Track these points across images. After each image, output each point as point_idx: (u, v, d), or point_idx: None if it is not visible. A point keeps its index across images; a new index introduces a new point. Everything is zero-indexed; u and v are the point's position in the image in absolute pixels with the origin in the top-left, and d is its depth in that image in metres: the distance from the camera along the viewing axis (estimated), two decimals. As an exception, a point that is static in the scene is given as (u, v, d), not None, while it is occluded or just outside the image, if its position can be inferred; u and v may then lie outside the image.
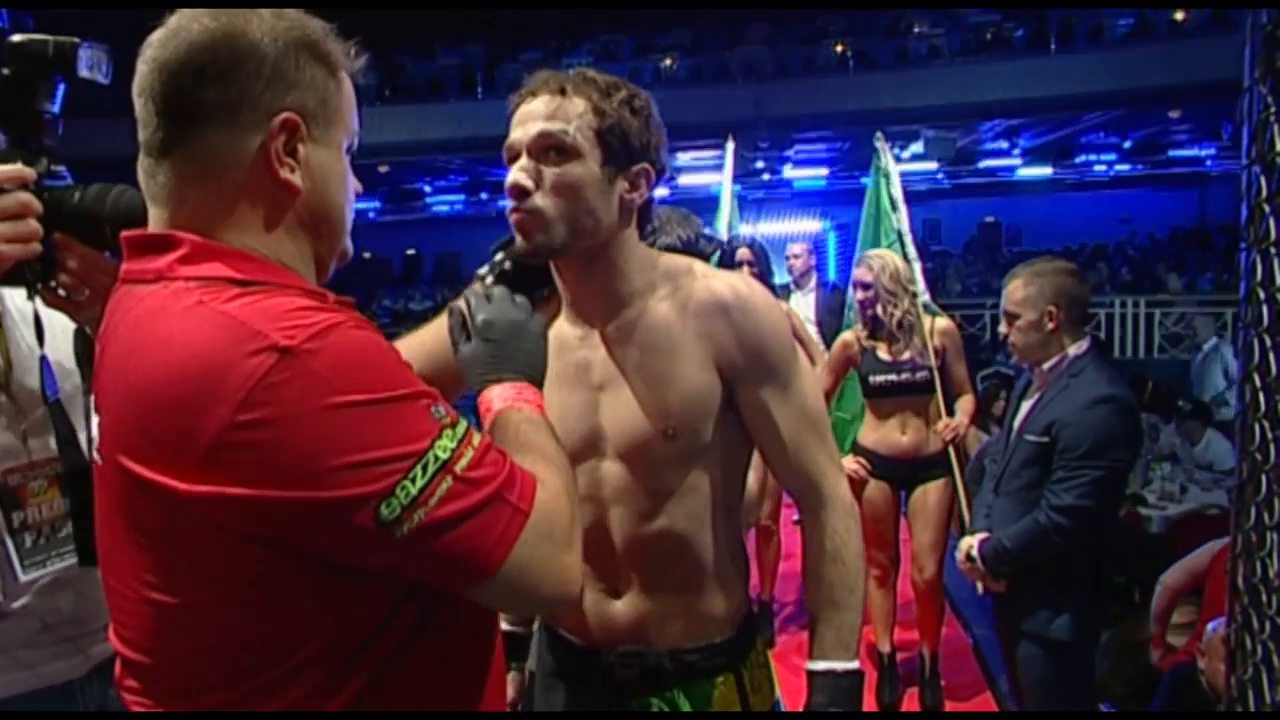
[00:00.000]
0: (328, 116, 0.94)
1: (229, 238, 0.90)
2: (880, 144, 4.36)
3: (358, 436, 0.80)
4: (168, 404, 0.81)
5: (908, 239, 4.06)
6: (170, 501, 0.81)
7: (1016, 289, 2.45)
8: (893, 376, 3.42)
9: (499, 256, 1.32)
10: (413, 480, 0.81)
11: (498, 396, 1.05)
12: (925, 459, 3.43)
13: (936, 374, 3.40)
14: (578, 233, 1.26)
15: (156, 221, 0.93)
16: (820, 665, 1.34)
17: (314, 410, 0.79)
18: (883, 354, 3.45)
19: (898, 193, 4.19)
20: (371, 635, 0.89)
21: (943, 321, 3.54)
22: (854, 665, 1.34)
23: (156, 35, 0.90)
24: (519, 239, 1.27)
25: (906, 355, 3.41)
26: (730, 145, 5.92)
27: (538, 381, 1.09)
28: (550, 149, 1.24)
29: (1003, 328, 2.49)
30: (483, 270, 1.32)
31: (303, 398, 0.79)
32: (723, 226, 5.22)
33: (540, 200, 1.23)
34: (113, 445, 0.87)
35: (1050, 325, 2.41)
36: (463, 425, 0.88)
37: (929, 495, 3.43)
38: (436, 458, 0.83)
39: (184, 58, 0.88)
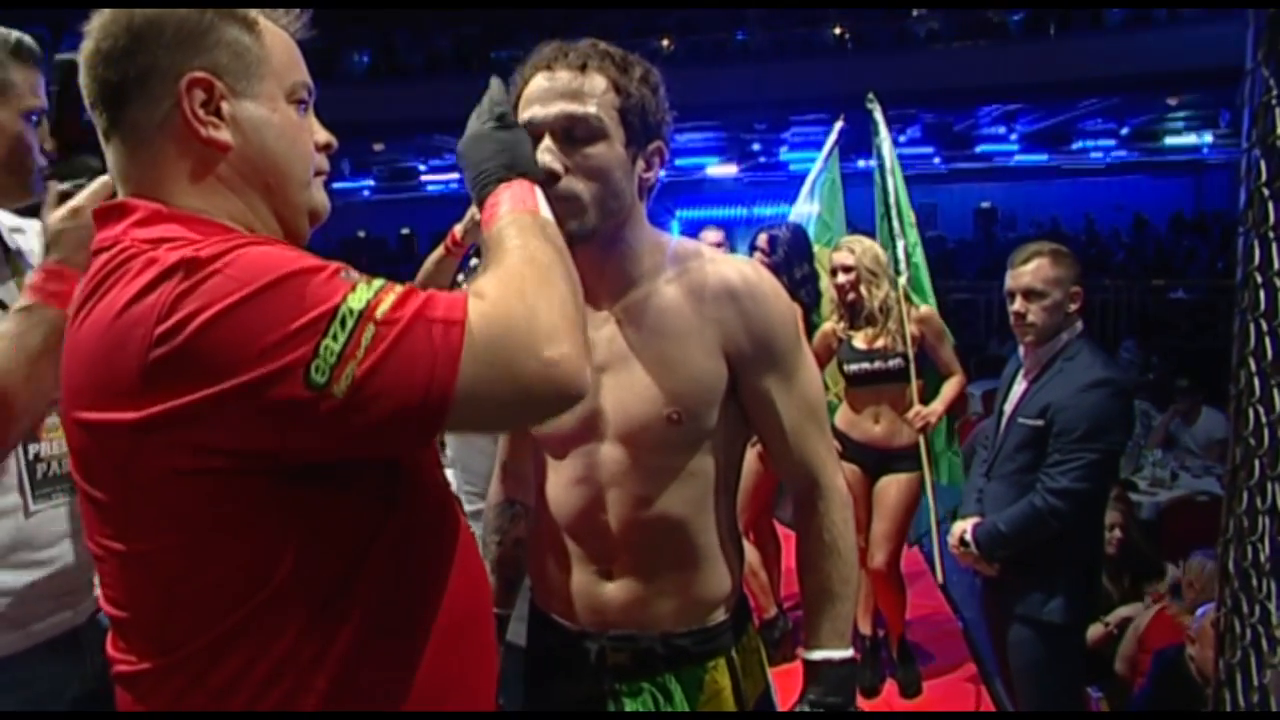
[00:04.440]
0: (247, 70, 0.95)
1: (176, 202, 0.93)
2: (873, 105, 4.11)
3: (269, 317, 0.81)
4: (104, 346, 0.84)
5: (893, 213, 3.89)
6: (123, 439, 0.84)
7: (1044, 267, 2.40)
8: (866, 365, 3.42)
9: (474, 263, 1.30)
10: (333, 337, 0.81)
11: (483, 214, 1.06)
12: (895, 450, 3.44)
13: (913, 362, 3.38)
14: (606, 216, 1.25)
15: (120, 197, 0.96)
16: (817, 655, 1.34)
17: (224, 307, 0.80)
18: (859, 342, 3.45)
19: (889, 160, 3.99)
20: (347, 569, 0.91)
21: (921, 309, 3.52)
22: (849, 654, 1.34)
23: None
24: None
25: (881, 343, 3.41)
26: (838, 124, 5.06)
27: (509, 175, 1.07)
28: (576, 129, 1.21)
29: (1017, 306, 2.43)
30: (460, 277, 1.31)
31: (212, 297, 0.81)
32: (797, 206, 5.00)
33: (573, 184, 1.21)
34: (70, 405, 0.90)
35: (1074, 306, 2.41)
36: (381, 280, 0.88)
37: (892, 487, 3.44)
38: (352, 310, 0.83)
39: (93, 48, 0.93)
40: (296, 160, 0.99)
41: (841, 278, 3.44)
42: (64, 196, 1.29)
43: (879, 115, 4.11)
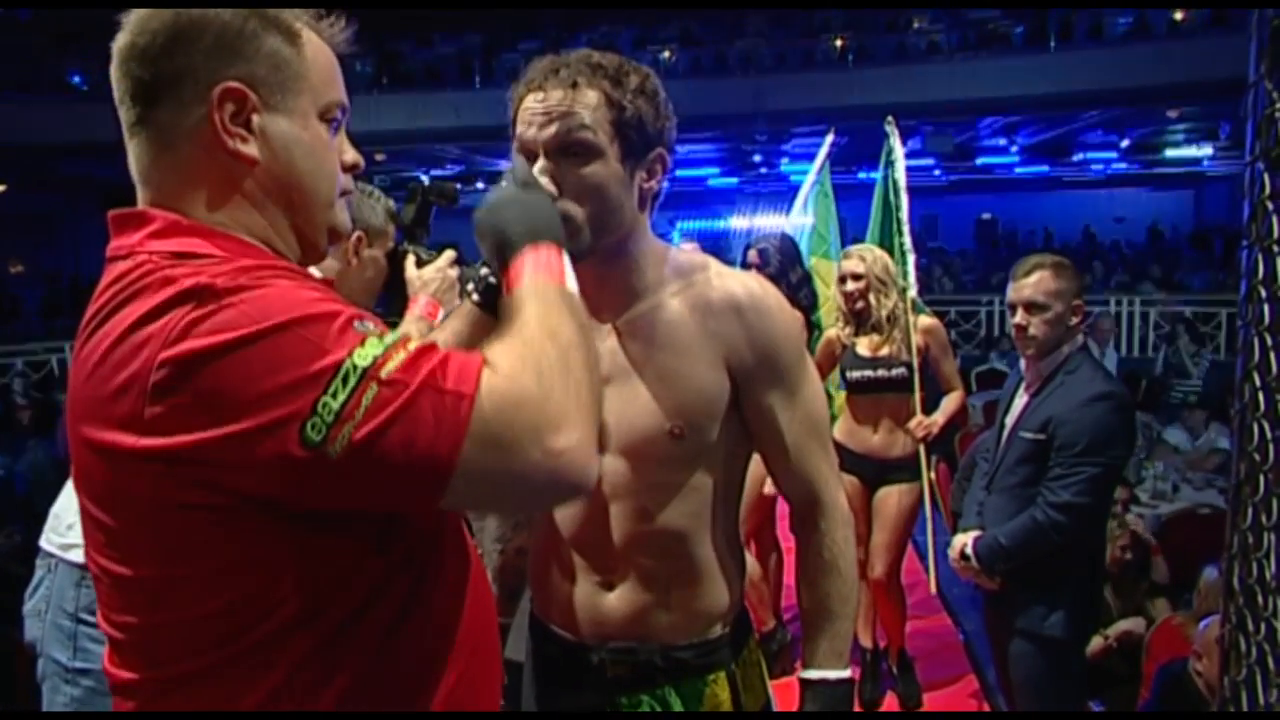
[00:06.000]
0: (284, 84, 0.93)
1: (196, 213, 0.91)
2: (890, 128, 4.23)
3: (273, 360, 0.78)
4: (111, 362, 0.82)
5: (905, 229, 4.02)
6: (124, 464, 0.82)
7: (1046, 279, 2.38)
8: (869, 372, 3.41)
9: (484, 271, 1.30)
10: (333, 395, 0.78)
11: (507, 277, 1.02)
12: (892, 460, 3.43)
13: (916, 372, 3.38)
14: (604, 233, 1.24)
15: (140, 202, 0.95)
16: (814, 674, 1.34)
17: (231, 340, 0.78)
18: (862, 350, 3.45)
19: (902, 181, 4.12)
20: (359, 608, 0.88)
21: (926, 320, 3.52)
22: (846, 674, 1.34)
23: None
24: None
25: (885, 351, 3.40)
26: (829, 138, 5.28)
27: (535, 240, 1.03)
28: (569, 148, 1.20)
29: (1019, 319, 2.41)
30: (469, 287, 1.30)
31: (221, 330, 0.78)
32: (791, 218, 5.08)
33: (567, 205, 1.20)
34: (75, 418, 0.88)
35: (1075, 319, 2.40)
36: (395, 334, 0.84)
37: (891, 498, 3.43)
38: (356, 366, 0.79)
39: (129, 42, 0.91)
40: (322, 180, 0.97)
41: (851, 285, 3.44)
42: (418, 259, 1.84)
43: (895, 139, 4.16)
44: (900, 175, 4.11)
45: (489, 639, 1.07)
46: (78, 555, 1.82)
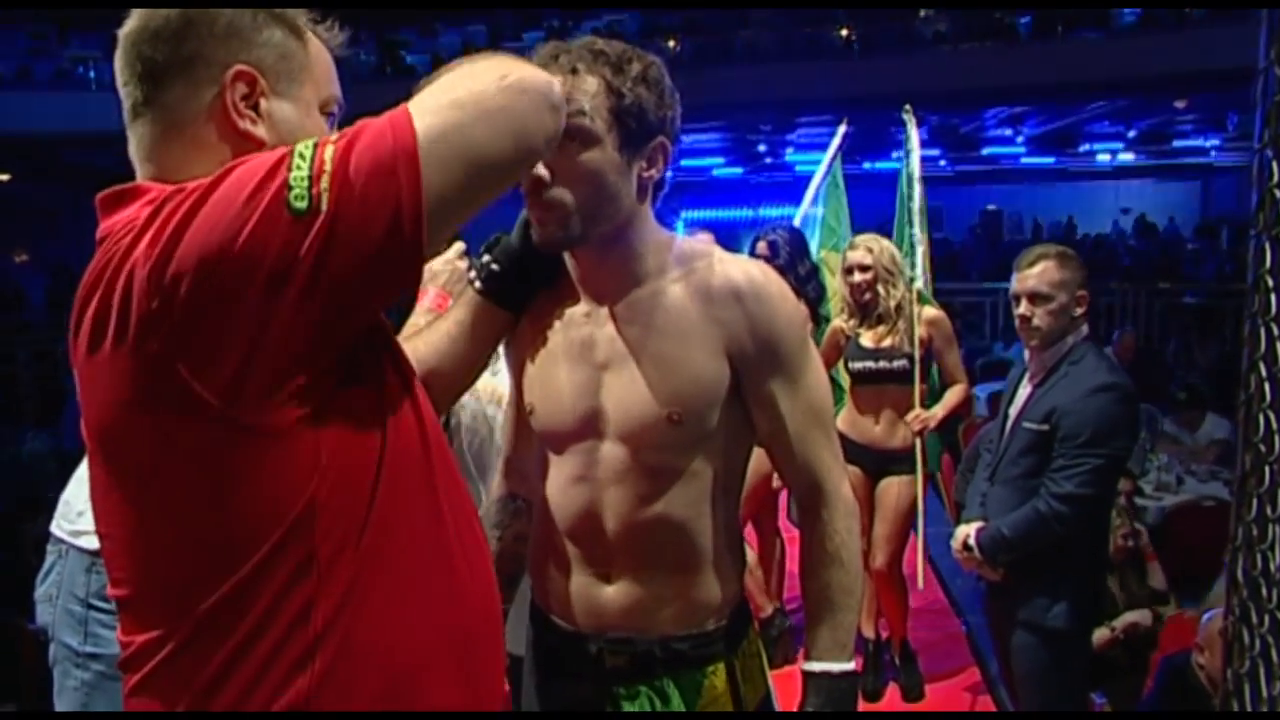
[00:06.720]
0: (290, 73, 0.99)
1: None
2: (908, 116, 4.20)
3: (234, 187, 0.83)
4: (104, 285, 0.86)
5: (916, 220, 3.99)
6: (132, 370, 0.84)
7: (1050, 270, 2.37)
8: (870, 364, 3.39)
9: (487, 259, 1.29)
10: (298, 168, 0.83)
11: None
12: (893, 451, 3.42)
13: (917, 364, 3.36)
14: (599, 220, 1.23)
15: (139, 180, 0.97)
16: (816, 666, 1.33)
17: (195, 202, 0.83)
18: (865, 341, 3.43)
19: (916, 170, 4.08)
20: (344, 527, 0.91)
21: (930, 311, 3.49)
22: (849, 666, 1.33)
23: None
24: (535, 231, 1.24)
25: (888, 342, 3.39)
26: (842, 128, 5.19)
27: None
28: (565, 133, 1.17)
29: (1022, 309, 2.40)
30: (472, 275, 1.29)
31: (183, 205, 0.84)
32: (804, 209, 5.07)
33: (560, 192, 1.20)
34: (91, 377, 0.88)
35: (1079, 310, 2.39)
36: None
37: (892, 489, 3.42)
38: (307, 144, 0.86)
39: (141, 25, 0.95)
40: None
41: (858, 276, 3.41)
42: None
43: (912, 128, 4.14)
44: (915, 166, 4.07)
45: (492, 628, 1.08)
46: (88, 541, 1.83)
